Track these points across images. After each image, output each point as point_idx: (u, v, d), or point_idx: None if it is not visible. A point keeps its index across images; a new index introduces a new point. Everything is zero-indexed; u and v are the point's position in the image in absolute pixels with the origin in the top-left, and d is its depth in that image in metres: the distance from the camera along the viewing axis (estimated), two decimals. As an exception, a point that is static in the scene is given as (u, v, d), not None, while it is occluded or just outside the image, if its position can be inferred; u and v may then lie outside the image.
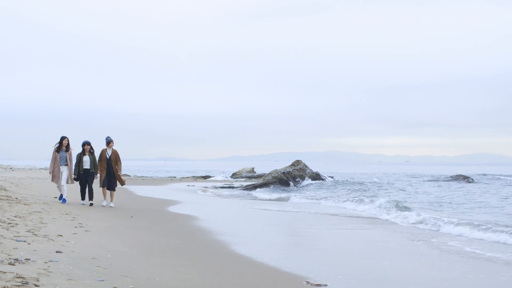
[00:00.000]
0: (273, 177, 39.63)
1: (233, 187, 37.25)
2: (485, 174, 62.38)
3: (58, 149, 16.34)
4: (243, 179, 50.15)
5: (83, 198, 16.71)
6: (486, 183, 43.30)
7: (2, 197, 15.51)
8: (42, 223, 11.03)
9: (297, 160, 43.48)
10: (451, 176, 50.56)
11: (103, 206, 16.65)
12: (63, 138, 16.35)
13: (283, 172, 40.39)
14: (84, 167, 16.42)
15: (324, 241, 12.56)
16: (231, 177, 55.13)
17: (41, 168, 61.49)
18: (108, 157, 16.74)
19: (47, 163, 22.57)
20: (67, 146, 16.38)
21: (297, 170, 41.09)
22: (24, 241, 8.51)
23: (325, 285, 7.67)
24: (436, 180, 48.68)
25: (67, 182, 16.41)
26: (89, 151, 16.55)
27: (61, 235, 9.71)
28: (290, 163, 43.87)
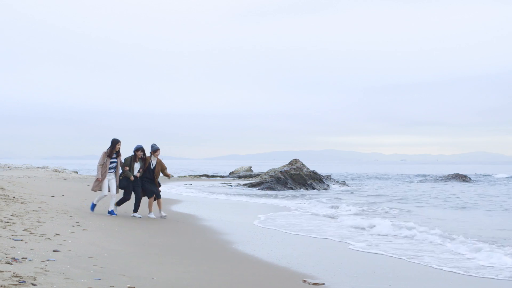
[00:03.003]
0: (270, 176, 39.70)
1: (230, 186, 37.30)
2: (489, 175, 62.04)
3: (110, 154, 14.21)
4: (241, 178, 50.18)
5: (136, 210, 14.75)
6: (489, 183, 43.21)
7: (-1, 196, 15.49)
8: (39, 222, 11.01)
9: (294, 159, 43.48)
10: (448, 175, 50.62)
11: (151, 218, 14.66)
12: (116, 142, 14.25)
13: (281, 171, 40.43)
14: (134, 175, 14.49)
15: (323, 240, 12.58)
16: (228, 176, 55.18)
17: (38, 167, 61.39)
18: (152, 167, 14.75)
19: (45, 162, 21.94)
20: (119, 151, 14.39)
21: (294, 169, 41.11)
22: (21, 240, 8.49)
23: (322, 284, 7.67)
24: (435, 180, 48.64)
25: (117, 192, 14.39)
26: (141, 157, 14.60)
27: (58, 234, 9.70)
28: (287, 162, 43.91)
